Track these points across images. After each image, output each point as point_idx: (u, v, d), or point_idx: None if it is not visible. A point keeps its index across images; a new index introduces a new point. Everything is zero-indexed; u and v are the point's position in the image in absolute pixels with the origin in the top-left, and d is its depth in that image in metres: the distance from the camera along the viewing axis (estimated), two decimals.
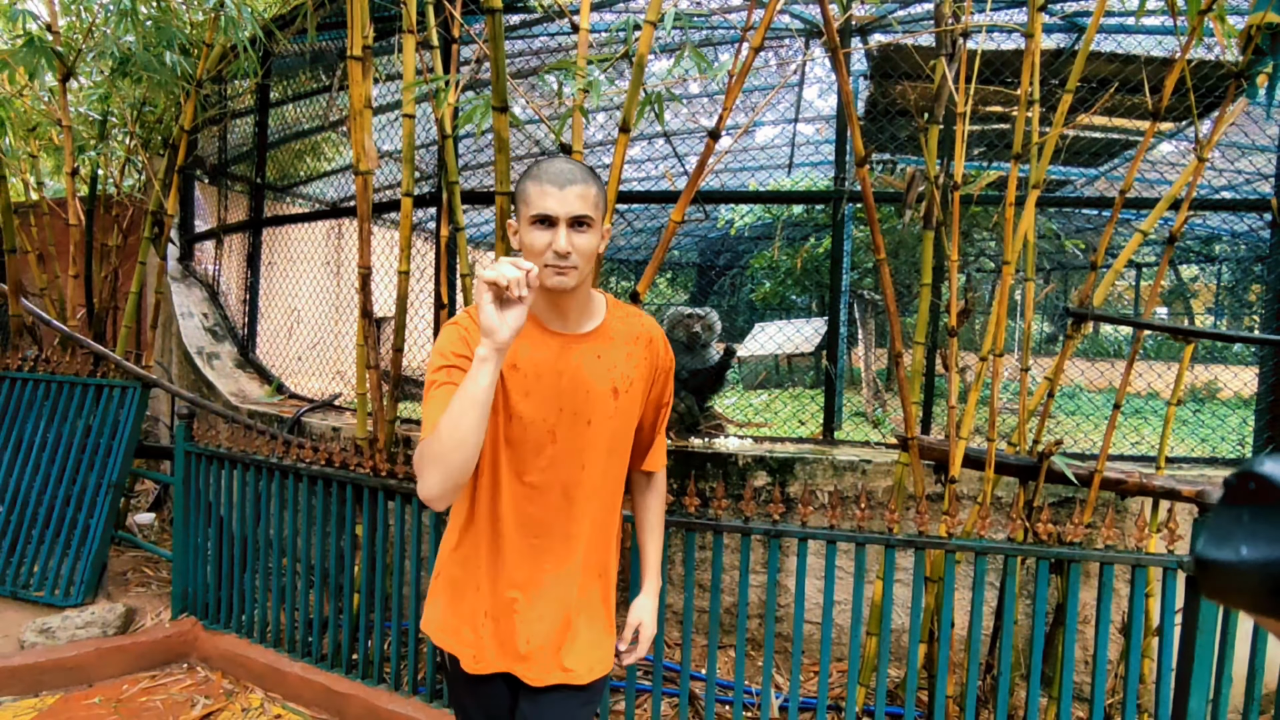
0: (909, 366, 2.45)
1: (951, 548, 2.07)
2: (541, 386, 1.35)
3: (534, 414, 1.34)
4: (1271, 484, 0.36)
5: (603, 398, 1.38)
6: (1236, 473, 0.38)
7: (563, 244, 1.26)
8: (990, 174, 2.99)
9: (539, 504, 1.37)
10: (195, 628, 2.91)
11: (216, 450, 2.92)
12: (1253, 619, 0.40)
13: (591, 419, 1.37)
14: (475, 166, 6.30)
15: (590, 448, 1.38)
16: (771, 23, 2.00)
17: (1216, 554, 0.38)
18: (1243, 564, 0.36)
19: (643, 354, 1.44)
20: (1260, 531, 0.36)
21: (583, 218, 1.28)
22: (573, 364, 1.36)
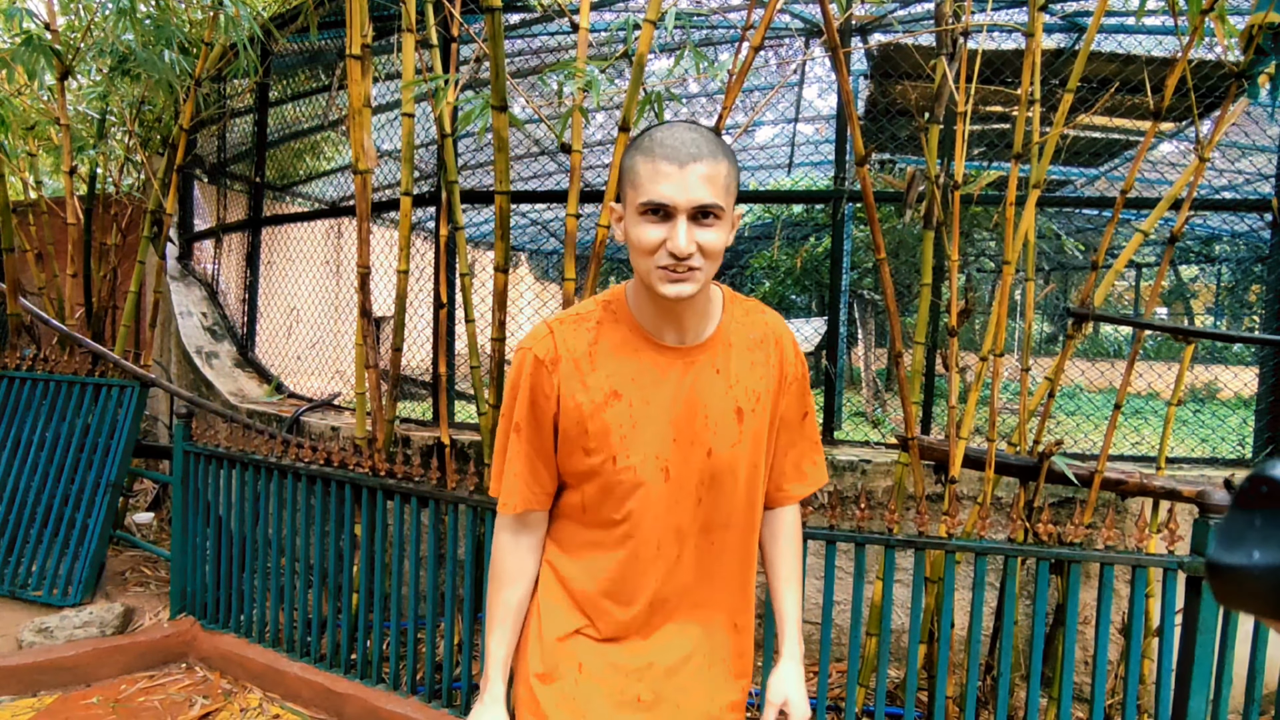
0: (909, 366, 2.45)
1: (951, 548, 2.06)
2: (652, 414, 1.11)
3: (644, 450, 1.10)
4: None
5: (725, 421, 1.13)
6: (1248, 476, 0.38)
7: (683, 244, 1.00)
8: (990, 174, 2.98)
9: (646, 561, 1.15)
10: (194, 627, 2.91)
11: (215, 450, 2.91)
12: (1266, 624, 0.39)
13: (712, 448, 1.13)
14: (475, 166, 6.30)
15: (713, 484, 1.14)
16: (771, 22, 1.99)
17: (1229, 558, 0.37)
18: (1255, 568, 0.36)
19: (769, 360, 1.18)
20: (1272, 536, 0.36)
21: (710, 207, 1.01)
22: (688, 383, 1.12)
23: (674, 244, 1.00)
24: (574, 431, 1.12)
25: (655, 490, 1.12)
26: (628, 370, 1.11)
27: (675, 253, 1.00)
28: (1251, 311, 13.82)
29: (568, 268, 2.43)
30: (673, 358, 1.12)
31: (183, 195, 5.41)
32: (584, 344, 1.12)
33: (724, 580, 1.20)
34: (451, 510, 2.47)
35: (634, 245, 1.05)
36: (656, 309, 1.10)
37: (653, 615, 1.17)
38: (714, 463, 1.13)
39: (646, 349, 1.12)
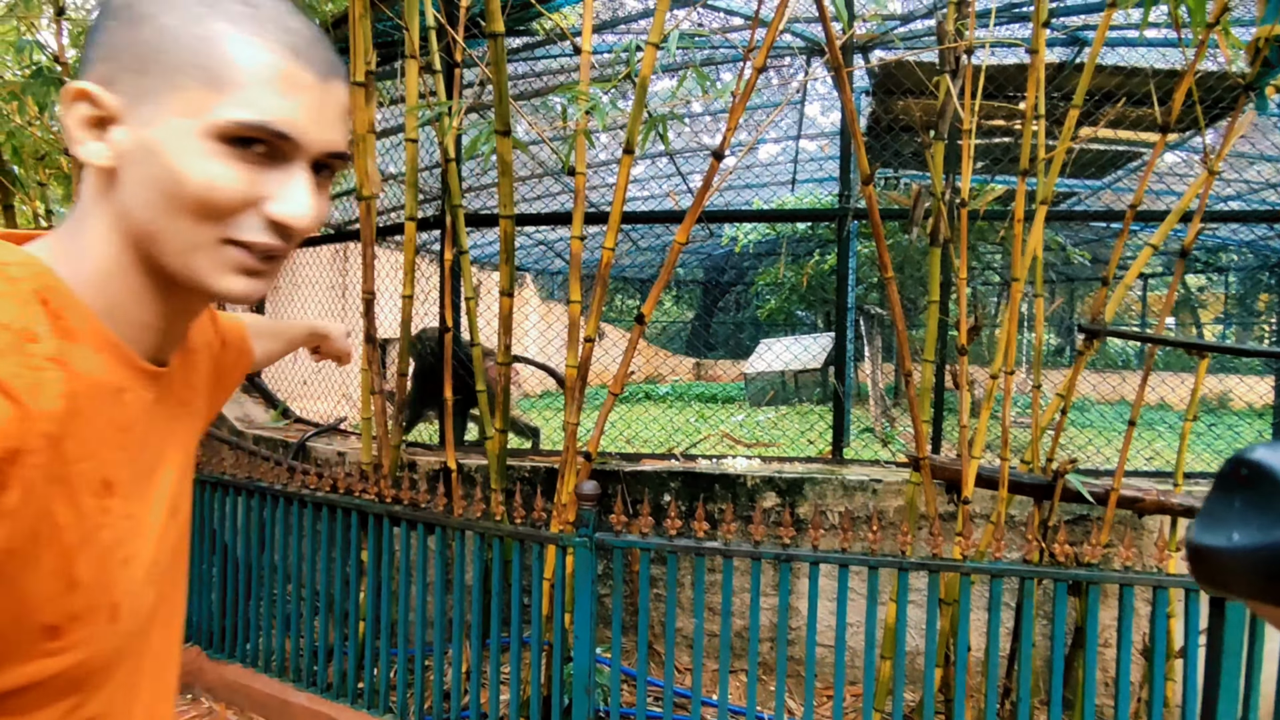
0: (918, 384, 2.42)
1: (966, 570, 2.03)
2: (133, 468, 0.63)
3: (142, 573, 0.63)
4: (1263, 470, 0.37)
5: (188, 472, 0.74)
6: (1228, 459, 0.39)
7: (307, 209, 0.59)
8: (996, 189, 2.97)
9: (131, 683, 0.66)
10: (200, 657, 2.88)
11: (220, 477, 2.90)
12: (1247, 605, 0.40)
13: (182, 513, 0.72)
14: (479, 188, 6.33)
15: (175, 561, 0.71)
16: (774, 43, 1.99)
17: (1209, 540, 0.38)
18: (1235, 550, 0.37)
19: (215, 357, 0.82)
20: (1252, 518, 0.37)
21: (343, 158, 0.63)
22: (162, 428, 0.67)
23: (288, 207, 0.58)
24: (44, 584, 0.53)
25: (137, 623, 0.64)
26: (114, 432, 0.59)
27: (288, 222, 0.58)
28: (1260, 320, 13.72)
29: (573, 290, 2.42)
30: (149, 385, 0.64)
31: None
32: (52, 400, 0.53)
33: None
34: (459, 536, 2.44)
35: (179, 194, 0.55)
36: (162, 312, 0.62)
37: None
38: (181, 534, 0.71)
39: (133, 383, 0.61)
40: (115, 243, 0.59)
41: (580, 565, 2.17)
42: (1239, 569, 0.37)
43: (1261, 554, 0.36)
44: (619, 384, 2.23)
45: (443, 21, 2.70)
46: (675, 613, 2.28)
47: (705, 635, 2.91)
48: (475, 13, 3.55)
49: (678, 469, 3.05)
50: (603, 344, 3.25)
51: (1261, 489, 0.37)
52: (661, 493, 3.01)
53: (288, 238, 0.60)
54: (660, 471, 3.03)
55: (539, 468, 3.09)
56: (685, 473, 3.02)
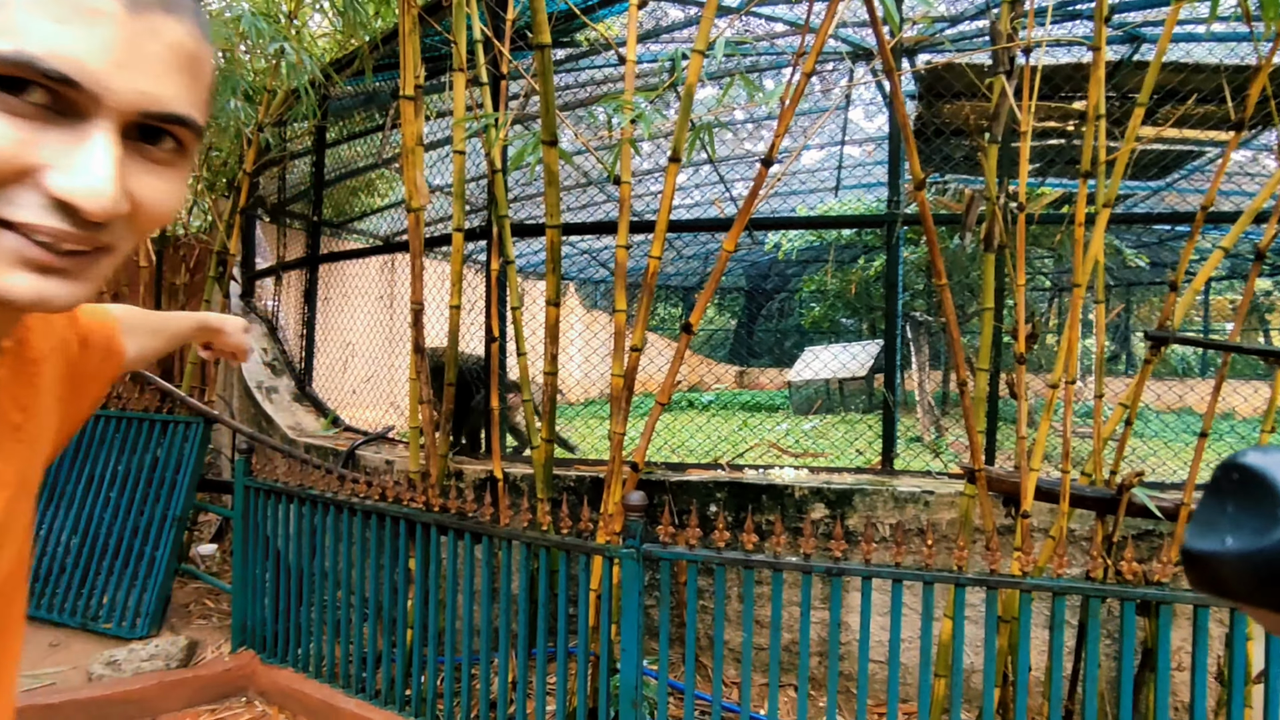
0: (973, 393, 2.35)
1: (1027, 587, 1.95)
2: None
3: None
4: (1255, 474, 0.37)
5: (16, 483, 0.61)
6: (1221, 464, 0.39)
7: (104, 183, 0.43)
8: (1051, 192, 2.88)
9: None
10: (253, 661, 2.94)
11: (274, 485, 2.96)
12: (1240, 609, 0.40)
13: (7, 534, 0.60)
14: (523, 198, 6.39)
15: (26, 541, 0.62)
16: (823, 48, 1.96)
17: (1202, 544, 0.38)
18: (1228, 554, 0.37)
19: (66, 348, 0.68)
20: (1244, 521, 0.37)
21: (184, 121, 0.47)
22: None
23: (74, 180, 0.42)
24: None
25: None
26: None
27: (73, 200, 0.43)
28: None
29: (619, 299, 2.41)
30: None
31: (245, 235, 5.61)
32: None
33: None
34: (505, 546, 2.45)
35: None
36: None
37: None
38: (13, 564, 0.59)
39: None
40: None
41: (627, 577, 2.15)
42: (1233, 573, 0.37)
43: (1255, 558, 0.36)
44: (666, 394, 2.21)
45: (489, 35, 2.73)
46: (724, 626, 2.24)
47: (753, 649, 2.86)
48: (519, 26, 3.59)
49: (724, 479, 3.01)
50: (647, 353, 3.23)
51: (1254, 493, 0.37)
52: (708, 503, 2.98)
53: (84, 224, 0.43)
54: (706, 482, 2.99)
55: (584, 477, 3.08)
56: (732, 483, 2.98)
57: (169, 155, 0.47)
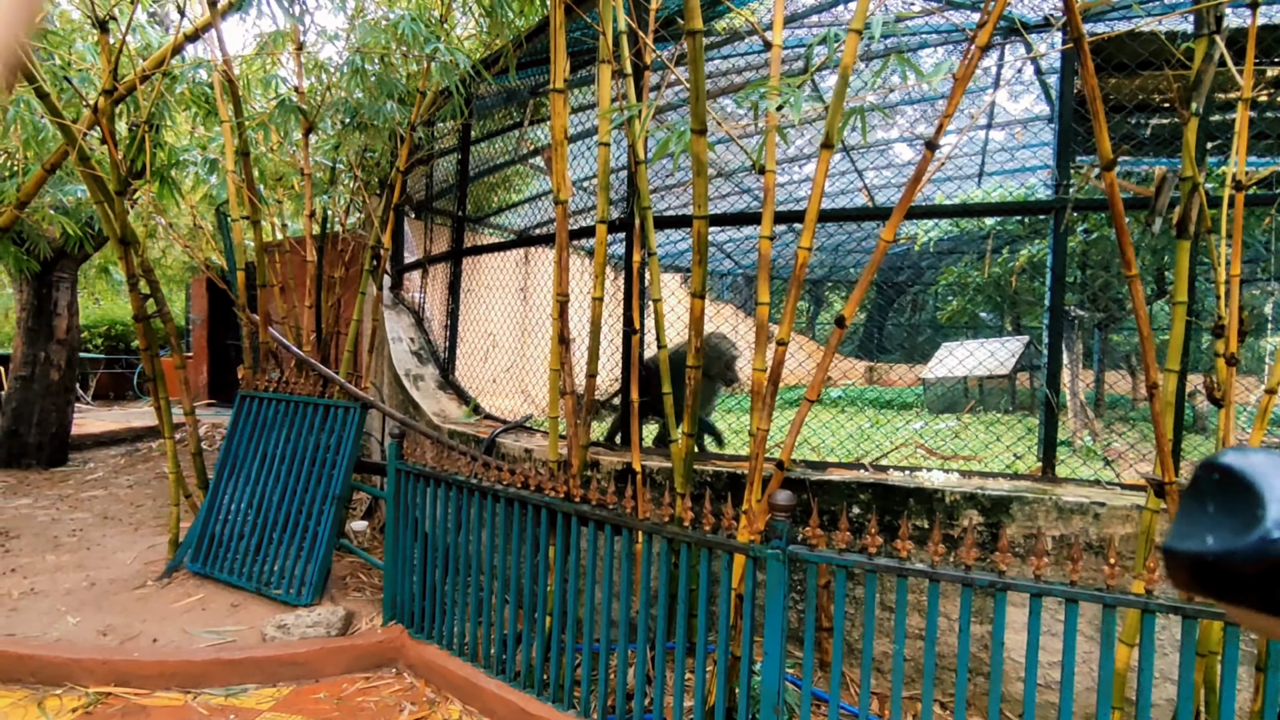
0: (1162, 397, 2.11)
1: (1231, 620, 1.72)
2: None
3: None
4: (1234, 474, 0.37)
5: None
6: (1200, 464, 0.39)
7: None
8: (1260, 171, 2.55)
9: None
10: (402, 635, 3.10)
11: (423, 469, 3.10)
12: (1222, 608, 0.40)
13: None
14: (663, 190, 6.41)
15: None
16: (999, 20, 1.80)
17: (1184, 545, 0.38)
18: (1208, 554, 0.37)
19: None
20: (1224, 522, 0.37)
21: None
22: None
23: None
24: None
25: None
26: None
27: None
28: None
29: (761, 291, 2.34)
30: None
31: (395, 231, 5.95)
32: None
33: None
34: (646, 539, 2.44)
35: None
36: None
37: None
38: None
39: None
40: None
41: (772, 578, 2.09)
42: (1214, 573, 0.37)
43: (1235, 557, 0.36)
44: (815, 390, 2.12)
45: (634, 25, 2.72)
46: (873, 636, 2.13)
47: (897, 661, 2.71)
48: (661, 15, 3.57)
49: (868, 480, 2.87)
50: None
51: (1233, 493, 0.37)
52: (850, 504, 2.85)
53: None
54: (849, 482, 2.87)
55: (721, 473, 3.04)
56: (876, 484, 2.84)
57: None
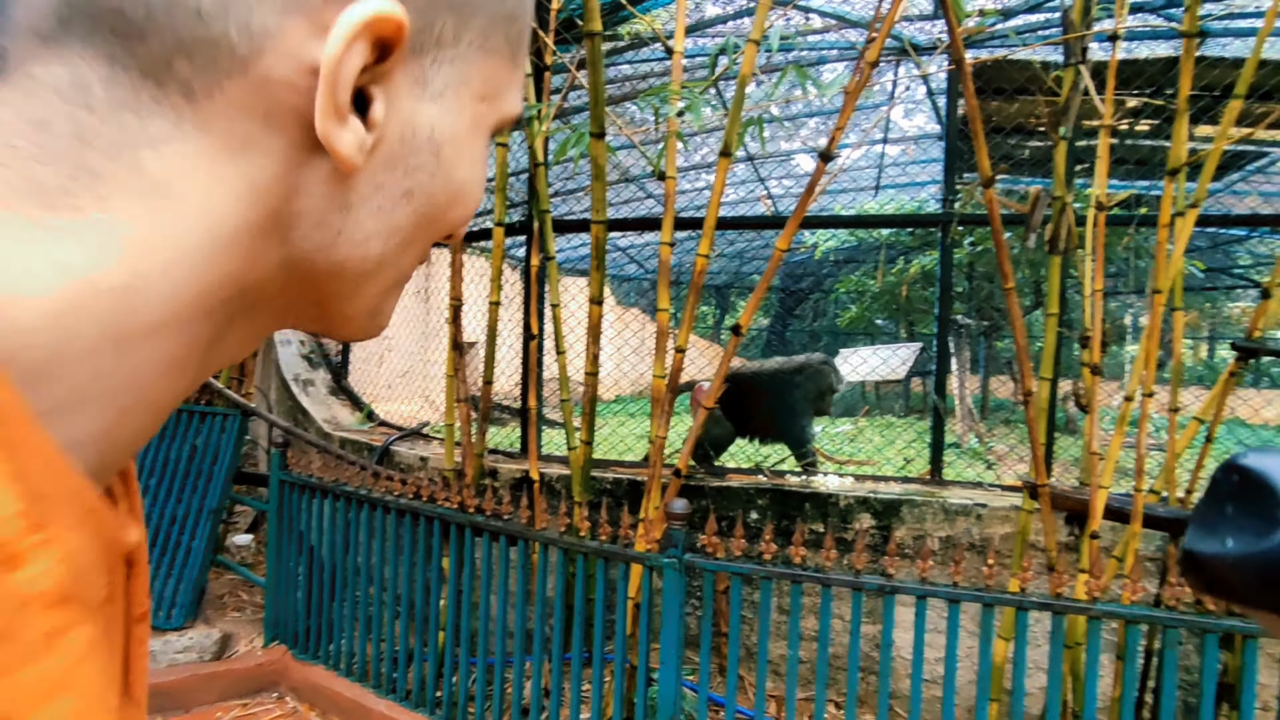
0: (1037, 404, 2.23)
1: (1096, 614, 1.83)
2: None
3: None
4: (1254, 476, 0.36)
5: None
6: (1220, 465, 0.38)
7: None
8: (1122, 193, 2.74)
9: None
10: (285, 657, 2.91)
11: (308, 479, 2.93)
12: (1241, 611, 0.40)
13: None
14: (564, 194, 6.35)
15: None
16: (889, 39, 1.85)
17: (1203, 547, 0.38)
18: (1229, 556, 0.36)
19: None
20: (1244, 524, 0.36)
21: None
22: None
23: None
24: None
25: None
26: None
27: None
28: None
29: (662, 298, 2.33)
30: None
31: None
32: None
33: None
34: (542, 550, 2.38)
35: (449, 202, 0.36)
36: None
37: None
38: None
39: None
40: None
41: (669, 587, 2.07)
42: (1234, 576, 0.36)
43: (1256, 560, 0.35)
44: (712, 398, 2.12)
45: (534, 25, 2.66)
46: (768, 640, 2.15)
47: (797, 662, 2.76)
48: (562, 17, 3.52)
49: (765, 485, 2.91)
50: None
51: (1253, 495, 0.36)
52: (748, 510, 2.89)
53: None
54: (747, 488, 2.90)
55: (621, 480, 3.01)
56: (773, 489, 2.89)
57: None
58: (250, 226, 0.30)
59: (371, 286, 0.35)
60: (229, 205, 0.29)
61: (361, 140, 0.30)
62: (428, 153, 0.33)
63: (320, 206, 0.31)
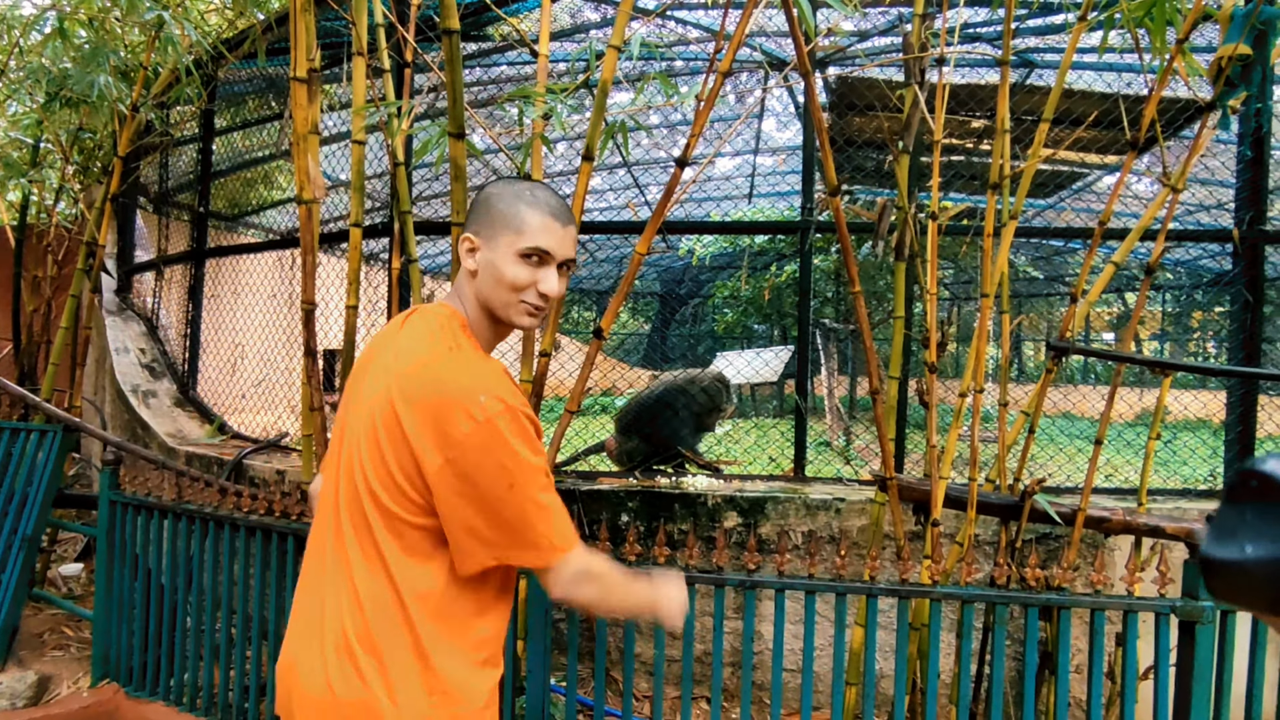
0: (885, 402, 2.36)
1: (937, 596, 1.96)
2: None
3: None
4: (1274, 481, 0.36)
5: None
6: (1238, 471, 0.39)
7: (555, 288, 1.16)
8: (954, 206, 2.96)
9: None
10: (117, 695, 2.65)
11: (144, 499, 2.69)
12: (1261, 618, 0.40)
13: None
14: (430, 196, 6.16)
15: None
16: (739, 49, 1.92)
17: (1222, 553, 0.38)
18: (1248, 562, 0.36)
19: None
20: (1264, 529, 0.36)
21: (571, 261, 1.21)
22: None
23: (548, 286, 1.17)
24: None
25: None
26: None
27: (547, 294, 1.17)
28: (1193, 337, 14.29)
29: None
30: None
31: (123, 226, 5.16)
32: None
33: None
34: None
35: (507, 281, 1.16)
36: (496, 337, 1.26)
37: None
38: None
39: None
40: (475, 303, 1.22)
41: (533, 595, 2.05)
42: (1254, 581, 0.36)
43: (1275, 566, 0.35)
44: (576, 401, 2.12)
45: (393, 19, 2.57)
46: (634, 639, 2.16)
47: (665, 661, 2.80)
48: (427, 12, 3.42)
49: (636, 488, 2.94)
50: (558, 357, 3.13)
51: (1272, 500, 0.36)
52: (620, 512, 2.90)
53: (546, 301, 1.18)
54: (618, 490, 2.91)
55: None
56: (644, 491, 2.92)
57: (565, 272, 1.21)
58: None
59: (496, 304, 1.20)
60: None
61: (470, 263, 1.21)
62: (492, 263, 1.18)
63: (476, 282, 1.22)
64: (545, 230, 1.15)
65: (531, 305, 1.17)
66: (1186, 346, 14.24)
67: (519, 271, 1.15)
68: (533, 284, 1.16)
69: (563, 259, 1.18)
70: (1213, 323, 13.66)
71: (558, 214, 1.17)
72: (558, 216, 1.17)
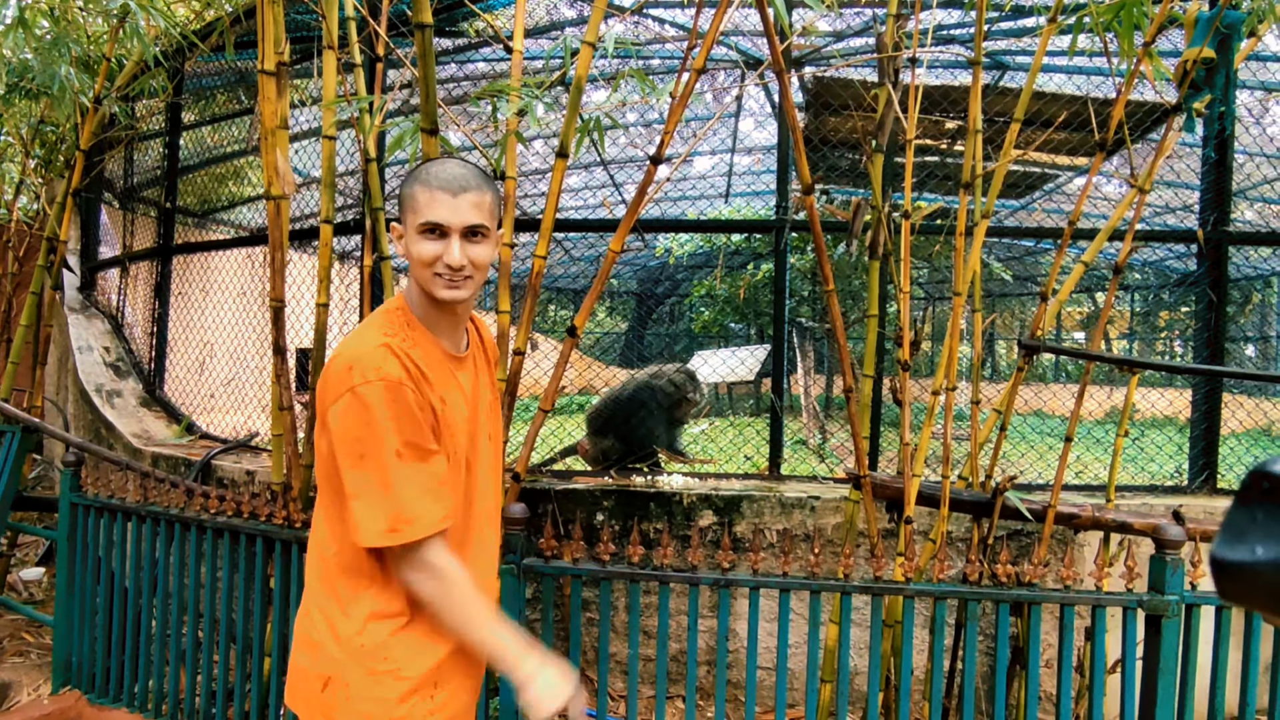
0: (859, 400, 2.37)
1: (910, 593, 1.97)
2: (466, 417, 1.31)
3: (460, 450, 1.30)
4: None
5: (496, 411, 1.44)
6: (1249, 472, 0.38)
7: (456, 257, 1.19)
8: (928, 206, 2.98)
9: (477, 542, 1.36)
10: (80, 703, 2.59)
11: (108, 501, 2.63)
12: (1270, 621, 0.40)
13: (493, 435, 1.41)
14: None
15: (499, 468, 1.44)
16: (712, 48, 1.91)
17: (1232, 555, 0.37)
18: (1259, 564, 0.36)
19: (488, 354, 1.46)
20: (1275, 531, 0.36)
21: (477, 227, 1.21)
22: (472, 383, 1.35)
23: (450, 258, 1.19)
24: (442, 439, 1.25)
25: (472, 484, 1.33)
26: (441, 376, 1.25)
27: (450, 265, 1.20)
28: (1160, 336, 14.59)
29: (502, 300, 2.28)
30: (455, 364, 1.30)
31: (87, 222, 5.04)
32: (419, 357, 1.22)
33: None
34: None
35: (414, 259, 1.22)
36: (445, 319, 1.28)
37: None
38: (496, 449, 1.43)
39: (447, 361, 1.28)
40: (414, 287, 1.27)
41: (507, 593, 2.02)
42: (1265, 583, 0.36)
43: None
44: (550, 400, 2.10)
45: (364, 13, 2.53)
46: (609, 639, 2.15)
47: (640, 660, 2.79)
48: (400, 7, 3.38)
49: (611, 487, 2.93)
50: (534, 356, 3.11)
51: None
52: (595, 512, 2.88)
53: (457, 271, 1.21)
54: (593, 489, 2.90)
55: None
56: (619, 491, 2.90)
57: (479, 239, 1.23)
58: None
59: (420, 278, 1.25)
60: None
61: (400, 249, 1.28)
62: (408, 243, 1.24)
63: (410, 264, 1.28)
64: (435, 203, 1.18)
65: (445, 279, 1.21)
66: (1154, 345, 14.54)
67: (422, 247, 1.19)
68: (438, 257, 1.19)
69: (461, 227, 1.19)
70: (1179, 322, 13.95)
71: (448, 185, 1.19)
72: (447, 187, 1.18)
